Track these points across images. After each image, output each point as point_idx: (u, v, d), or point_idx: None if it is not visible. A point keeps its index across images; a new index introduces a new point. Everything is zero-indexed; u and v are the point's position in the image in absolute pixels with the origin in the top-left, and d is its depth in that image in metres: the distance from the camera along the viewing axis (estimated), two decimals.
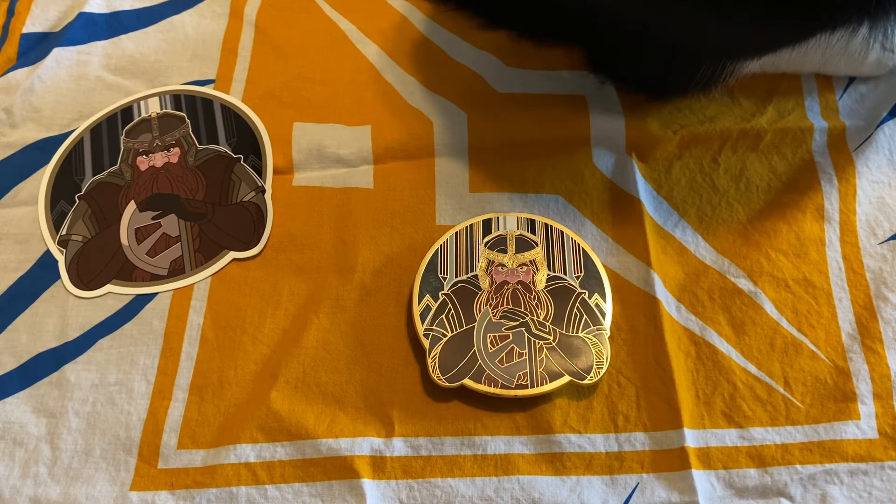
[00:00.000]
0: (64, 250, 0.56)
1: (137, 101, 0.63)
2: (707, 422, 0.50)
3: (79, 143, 0.61)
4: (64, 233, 0.57)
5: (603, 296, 0.53)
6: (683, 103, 0.62)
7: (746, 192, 0.58)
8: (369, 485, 0.47)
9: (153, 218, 0.57)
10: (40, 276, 0.55)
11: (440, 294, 0.53)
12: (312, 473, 0.48)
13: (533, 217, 0.56)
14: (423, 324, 0.52)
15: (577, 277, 0.54)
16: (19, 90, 0.63)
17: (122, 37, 0.67)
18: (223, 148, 0.61)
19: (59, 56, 0.65)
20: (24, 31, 0.67)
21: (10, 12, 0.68)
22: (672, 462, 0.48)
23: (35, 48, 0.66)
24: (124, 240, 0.56)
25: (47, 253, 0.56)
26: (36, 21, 0.68)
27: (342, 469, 0.48)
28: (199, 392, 0.51)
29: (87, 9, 0.67)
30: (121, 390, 0.51)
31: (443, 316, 0.52)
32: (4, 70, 0.65)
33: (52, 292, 0.54)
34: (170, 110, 0.62)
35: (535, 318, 0.52)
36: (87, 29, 0.66)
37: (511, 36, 0.65)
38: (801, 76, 0.63)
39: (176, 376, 0.51)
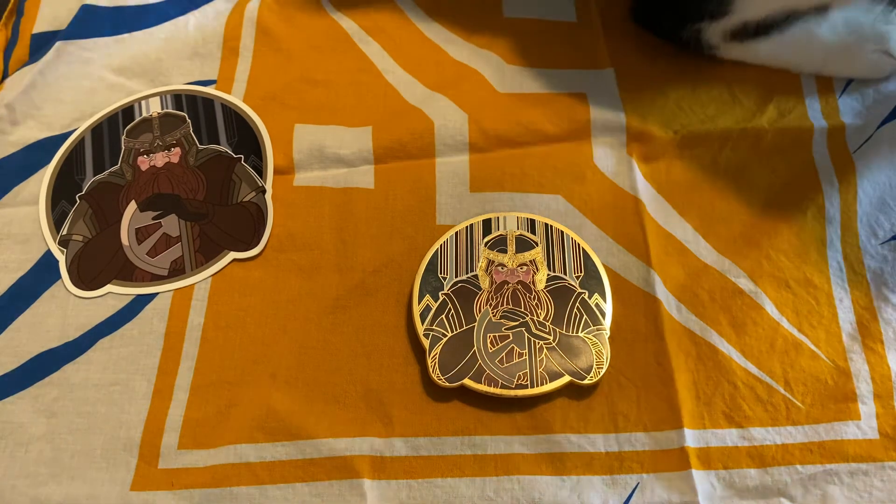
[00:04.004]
0: (65, 250, 0.56)
1: (138, 100, 0.63)
2: (707, 422, 0.50)
3: (80, 143, 0.61)
4: (65, 233, 0.57)
5: (603, 296, 0.53)
6: (685, 102, 0.62)
7: (747, 192, 0.58)
8: (369, 485, 0.47)
9: (154, 218, 0.57)
10: (41, 276, 0.55)
11: (440, 294, 0.53)
12: (313, 473, 0.48)
13: (533, 217, 0.56)
14: (423, 324, 0.52)
15: (577, 277, 0.54)
16: (21, 87, 0.63)
17: (125, 36, 0.67)
18: (224, 148, 0.61)
19: (62, 51, 0.64)
20: (35, 31, 0.67)
21: (20, 12, 0.68)
22: (672, 462, 0.48)
23: (46, 48, 0.66)
24: (125, 240, 0.57)
25: (48, 253, 0.56)
26: (45, 20, 0.68)
27: (342, 469, 0.48)
28: (199, 392, 0.51)
29: (91, 1, 0.67)
30: (121, 390, 0.51)
31: (443, 316, 0.52)
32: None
33: (53, 292, 0.55)
34: (171, 110, 0.63)
35: (535, 318, 0.52)
36: (90, 22, 0.66)
37: None
38: (802, 76, 0.63)
39: (176, 376, 0.51)
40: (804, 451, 0.48)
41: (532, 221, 0.56)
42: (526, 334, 0.51)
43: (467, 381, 0.50)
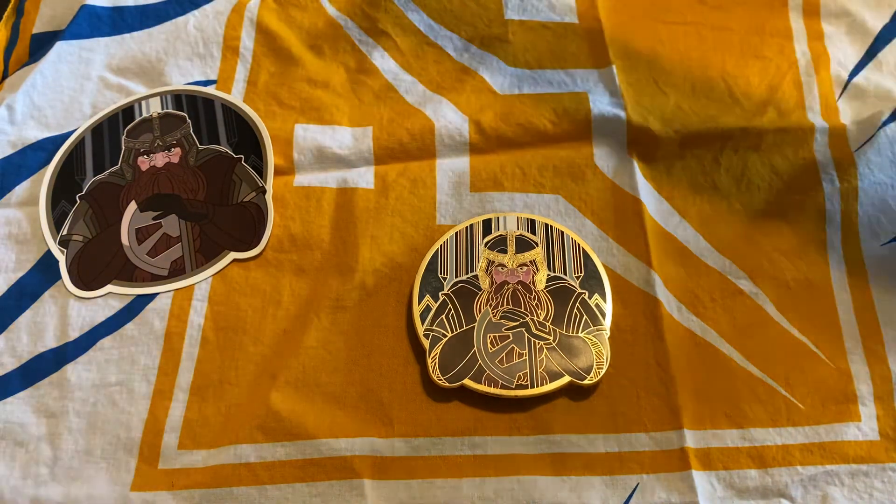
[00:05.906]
0: (65, 250, 0.56)
1: (139, 100, 0.63)
2: (707, 422, 0.49)
3: (80, 143, 0.61)
4: (65, 233, 0.57)
5: (603, 296, 0.53)
6: (685, 103, 0.61)
7: (748, 192, 0.58)
8: (369, 485, 0.47)
9: (154, 218, 0.57)
10: (41, 276, 0.55)
11: (440, 294, 0.53)
12: (313, 473, 0.48)
13: (533, 217, 0.56)
14: (423, 324, 0.52)
15: (577, 277, 0.54)
16: (21, 87, 0.63)
17: (125, 35, 0.67)
18: (224, 148, 0.61)
19: (62, 51, 0.65)
20: (35, 31, 0.67)
21: (20, 12, 0.68)
22: (672, 463, 0.48)
23: (46, 48, 0.66)
24: (125, 240, 0.57)
25: (48, 253, 0.56)
26: (45, 20, 0.68)
27: (342, 469, 0.48)
28: (199, 392, 0.51)
29: (91, 1, 0.67)
30: (121, 390, 0.51)
31: (443, 316, 0.52)
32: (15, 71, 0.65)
33: (53, 292, 0.55)
34: (171, 110, 0.62)
35: (535, 318, 0.52)
36: (90, 23, 0.66)
37: None
38: (801, 75, 0.63)
39: (177, 377, 0.51)
40: (804, 451, 0.48)
41: (532, 221, 0.56)
42: (526, 334, 0.51)
43: (467, 382, 0.50)
